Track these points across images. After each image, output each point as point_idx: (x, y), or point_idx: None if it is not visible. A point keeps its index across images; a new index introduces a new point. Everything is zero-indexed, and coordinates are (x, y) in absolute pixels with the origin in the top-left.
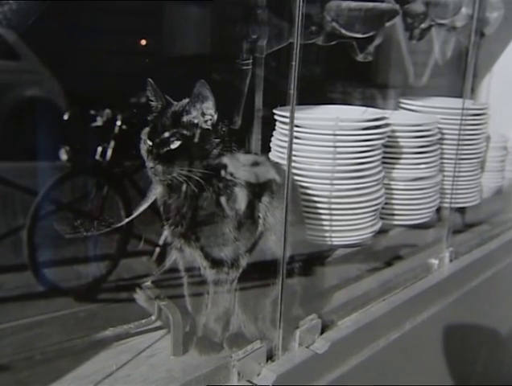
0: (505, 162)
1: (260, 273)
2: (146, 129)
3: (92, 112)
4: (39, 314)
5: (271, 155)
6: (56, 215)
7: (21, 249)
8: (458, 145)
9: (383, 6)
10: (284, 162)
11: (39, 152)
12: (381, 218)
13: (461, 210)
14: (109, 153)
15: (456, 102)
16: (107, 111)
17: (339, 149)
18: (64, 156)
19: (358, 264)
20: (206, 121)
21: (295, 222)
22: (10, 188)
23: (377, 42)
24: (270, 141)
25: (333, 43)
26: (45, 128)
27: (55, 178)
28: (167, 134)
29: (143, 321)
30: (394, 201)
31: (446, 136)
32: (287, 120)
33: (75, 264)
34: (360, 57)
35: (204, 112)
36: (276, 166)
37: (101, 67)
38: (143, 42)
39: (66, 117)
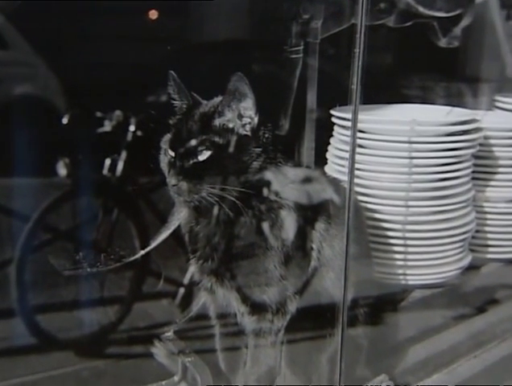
0: None
1: (314, 320)
2: (168, 136)
3: (99, 114)
4: (31, 372)
5: (328, 169)
6: (53, 246)
7: (8, 290)
8: None
9: None
10: (345, 178)
11: (31, 165)
12: (472, 250)
13: None
14: (120, 166)
15: None
16: (117, 113)
17: (416, 161)
18: (62, 170)
19: (442, 310)
20: (244, 125)
21: (359, 255)
22: None
23: (464, 23)
24: (327, 150)
25: (408, 24)
26: (39, 134)
27: (51, 198)
28: (193, 142)
29: (163, 382)
30: (487, 228)
31: None
32: (349, 123)
33: (76, 310)
34: (443, 42)
35: (242, 114)
36: (334, 182)
37: (109, 58)
38: (163, 24)
39: (65, 120)
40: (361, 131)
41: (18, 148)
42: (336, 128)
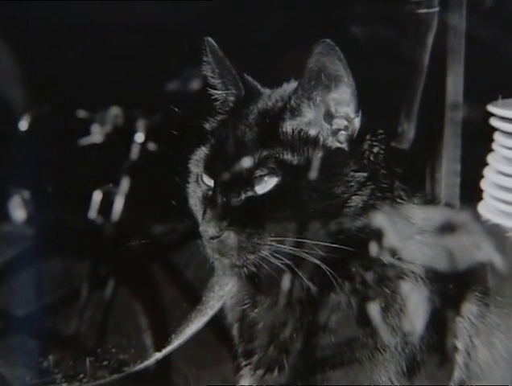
0: None
1: None
2: (203, 152)
3: (82, 113)
4: None
5: (484, 208)
6: (4, 343)
7: None
8: None
9: None
10: None
11: None
12: None
13: None
14: (119, 204)
15: None
16: (114, 111)
17: None
18: (18, 212)
19: None
20: (336, 133)
21: None
22: None
23: None
24: (482, 176)
25: None
26: None
27: None
28: (248, 162)
29: None
30: None
31: None
32: None
33: None
34: None
35: (333, 113)
36: (495, 232)
37: (101, 17)
38: None
39: (24, 125)
40: None
41: None
42: (498, 137)
